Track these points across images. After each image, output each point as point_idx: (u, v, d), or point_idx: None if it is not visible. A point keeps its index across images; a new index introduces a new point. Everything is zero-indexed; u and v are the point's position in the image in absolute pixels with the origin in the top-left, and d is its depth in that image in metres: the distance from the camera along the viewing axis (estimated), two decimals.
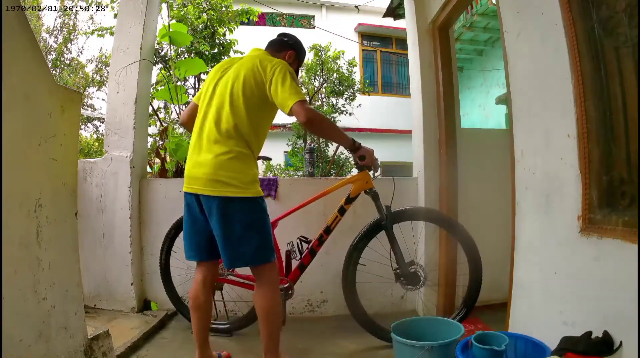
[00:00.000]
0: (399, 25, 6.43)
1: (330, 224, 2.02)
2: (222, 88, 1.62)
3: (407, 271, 1.96)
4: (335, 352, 2.00)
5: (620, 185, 1.16)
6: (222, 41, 5.22)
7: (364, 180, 1.99)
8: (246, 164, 1.57)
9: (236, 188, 1.51)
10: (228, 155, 1.53)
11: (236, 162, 1.54)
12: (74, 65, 9.70)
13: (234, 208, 1.52)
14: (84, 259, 1.60)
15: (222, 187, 1.51)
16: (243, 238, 1.53)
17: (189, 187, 1.58)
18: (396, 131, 8.37)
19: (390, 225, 1.98)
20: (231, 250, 1.53)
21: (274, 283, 1.62)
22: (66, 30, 9.66)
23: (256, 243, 1.55)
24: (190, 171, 1.59)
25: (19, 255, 1.18)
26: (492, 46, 6.89)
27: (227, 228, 1.52)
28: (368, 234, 2.04)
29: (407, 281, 1.96)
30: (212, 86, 1.66)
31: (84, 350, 1.45)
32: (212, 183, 1.51)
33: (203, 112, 1.64)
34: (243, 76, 1.59)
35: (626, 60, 1.13)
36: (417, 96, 2.60)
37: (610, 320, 1.13)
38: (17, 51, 1.18)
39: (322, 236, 2.02)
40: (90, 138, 9.21)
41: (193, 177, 1.56)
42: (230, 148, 1.54)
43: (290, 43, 1.82)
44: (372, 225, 2.03)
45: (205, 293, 1.67)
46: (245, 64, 1.63)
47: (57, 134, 1.34)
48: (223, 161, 1.53)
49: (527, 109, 1.59)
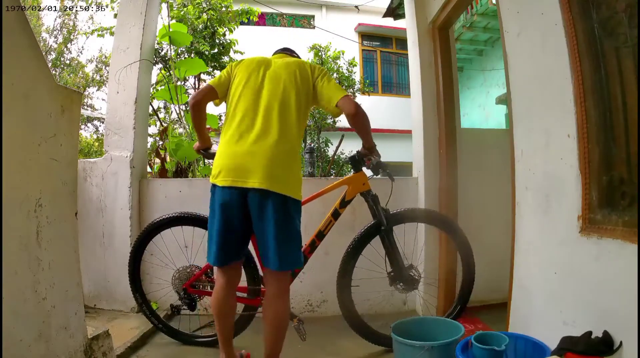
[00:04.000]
0: (399, 25, 6.42)
1: (324, 229, 1.92)
2: (273, 85, 1.59)
3: (405, 275, 1.90)
4: (335, 352, 2.00)
5: (620, 185, 1.16)
6: (222, 41, 5.22)
7: (361, 181, 1.91)
8: (299, 165, 1.58)
9: (295, 186, 1.50)
10: (289, 152, 1.51)
11: (294, 161, 1.53)
12: (74, 65, 9.70)
13: (291, 208, 1.49)
14: (84, 259, 1.60)
15: (284, 183, 1.46)
16: (292, 239, 1.51)
17: (234, 180, 1.45)
18: (396, 131, 8.37)
19: (390, 229, 1.91)
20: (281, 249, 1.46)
21: (289, 291, 1.61)
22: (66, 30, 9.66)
23: (298, 246, 1.54)
24: (235, 161, 1.47)
25: (19, 255, 1.18)
26: (492, 46, 6.89)
27: (284, 228, 1.47)
28: (364, 239, 1.95)
29: (403, 284, 1.91)
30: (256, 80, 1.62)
31: (84, 350, 1.45)
32: (274, 177, 1.45)
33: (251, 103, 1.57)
34: (294, 78, 1.61)
35: (626, 60, 1.13)
36: (417, 96, 2.60)
37: (611, 320, 1.13)
38: (17, 51, 1.18)
39: (315, 241, 1.92)
40: (90, 138, 9.22)
41: (241, 168, 1.45)
42: (289, 144, 1.52)
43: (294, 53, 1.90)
44: (369, 228, 1.94)
45: (233, 296, 1.63)
46: (291, 66, 1.65)
47: (57, 134, 1.34)
48: (285, 156, 1.49)
49: (527, 109, 1.59)
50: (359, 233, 1.97)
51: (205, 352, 1.99)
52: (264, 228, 1.46)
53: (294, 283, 2.45)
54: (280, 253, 1.46)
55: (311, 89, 1.64)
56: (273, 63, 1.68)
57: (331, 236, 2.02)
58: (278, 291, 1.53)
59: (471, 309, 2.39)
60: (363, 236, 1.95)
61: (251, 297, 1.96)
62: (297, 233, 1.53)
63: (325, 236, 1.94)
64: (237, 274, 1.64)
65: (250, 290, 1.96)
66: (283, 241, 1.47)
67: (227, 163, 1.49)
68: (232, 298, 1.62)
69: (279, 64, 1.67)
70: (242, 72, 1.65)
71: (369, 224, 1.95)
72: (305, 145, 6.00)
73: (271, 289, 1.54)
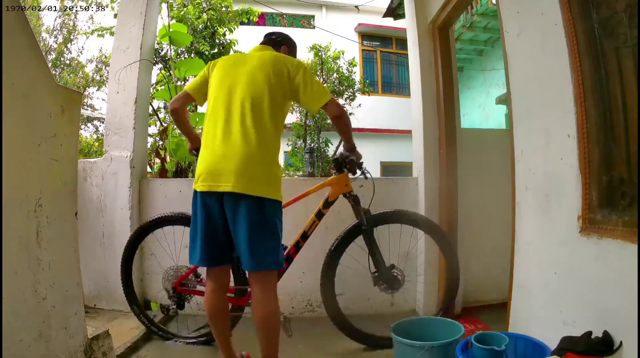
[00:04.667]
0: (399, 25, 6.43)
1: (308, 229, 1.94)
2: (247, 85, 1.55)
3: (387, 276, 1.91)
4: (335, 352, 2.00)
5: (620, 185, 1.16)
6: (222, 41, 5.22)
7: (343, 183, 1.93)
8: (277, 165, 1.55)
9: (270, 187, 1.48)
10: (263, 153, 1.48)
11: (269, 161, 1.51)
12: (74, 65, 9.70)
13: (267, 210, 1.46)
14: (84, 259, 1.59)
15: (258, 185, 1.44)
16: (267, 239, 1.48)
17: (210, 185, 1.46)
18: (396, 131, 8.37)
19: (370, 229, 1.92)
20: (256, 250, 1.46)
21: (275, 290, 1.56)
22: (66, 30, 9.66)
23: (276, 247, 1.51)
24: (210, 166, 1.47)
25: (19, 255, 1.18)
26: (492, 46, 6.88)
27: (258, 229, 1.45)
28: (346, 239, 1.97)
29: (386, 285, 1.93)
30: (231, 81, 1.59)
31: (84, 350, 1.45)
32: (246, 179, 1.43)
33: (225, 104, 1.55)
34: (268, 77, 1.56)
35: (626, 60, 1.13)
36: (417, 96, 2.60)
37: (611, 320, 1.13)
38: (17, 51, 1.18)
39: (299, 242, 1.93)
40: (90, 138, 9.21)
41: (215, 172, 1.45)
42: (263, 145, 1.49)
43: (279, 40, 1.83)
44: (351, 229, 1.96)
45: (223, 300, 1.61)
46: (266, 62, 1.60)
47: (57, 134, 1.34)
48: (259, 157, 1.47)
49: (527, 109, 1.59)
50: (342, 233, 1.99)
51: (205, 352, 2.00)
52: (238, 229, 1.46)
53: (294, 284, 2.46)
54: (254, 255, 1.46)
55: (287, 86, 1.58)
56: (249, 61, 1.63)
57: (331, 236, 2.03)
58: (262, 292, 1.51)
59: (471, 309, 2.39)
60: (345, 236, 1.98)
61: (237, 297, 1.95)
62: (274, 234, 1.50)
63: (309, 236, 1.95)
64: (225, 276, 1.62)
65: (237, 290, 1.96)
66: (257, 242, 1.45)
67: (203, 168, 1.49)
68: (222, 303, 1.61)
69: (253, 63, 1.61)
70: (217, 73, 1.64)
71: (352, 224, 1.98)
72: (305, 145, 6.00)
73: (255, 290, 1.52)
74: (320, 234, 2.13)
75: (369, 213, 1.94)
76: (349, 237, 1.98)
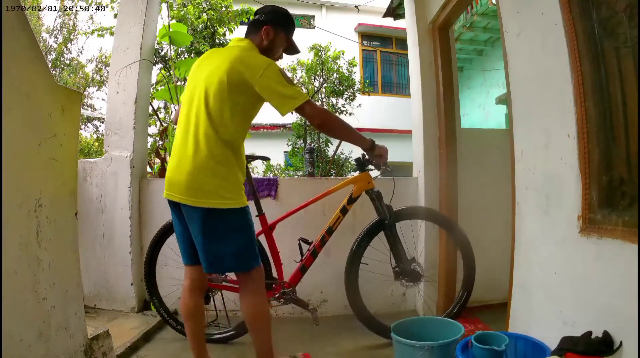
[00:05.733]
0: (399, 25, 6.42)
1: (333, 225, 2.03)
2: (204, 90, 1.45)
3: (408, 269, 1.99)
4: (335, 352, 2.00)
5: (620, 185, 1.16)
6: (222, 41, 5.22)
7: (366, 181, 2.02)
8: (232, 173, 1.45)
9: (221, 198, 1.41)
10: (214, 161, 1.41)
11: (219, 170, 1.42)
12: (74, 65, 9.69)
13: (217, 218, 1.42)
14: (84, 259, 1.60)
15: (207, 196, 1.40)
16: (222, 246, 1.45)
17: (168, 194, 1.48)
18: (396, 131, 8.36)
19: (392, 224, 2.01)
20: (208, 254, 1.46)
21: (257, 290, 1.52)
22: (66, 30, 9.65)
23: (235, 250, 1.46)
24: (169, 174, 1.48)
25: (19, 255, 1.18)
26: (492, 45, 6.88)
27: (211, 236, 1.43)
28: (370, 233, 2.06)
29: (408, 278, 2.00)
30: (193, 82, 1.52)
31: (84, 350, 1.45)
32: (194, 191, 1.40)
33: (186, 111, 1.50)
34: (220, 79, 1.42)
35: (626, 60, 1.13)
36: (417, 96, 2.60)
37: (610, 320, 1.13)
38: (17, 51, 1.18)
39: (325, 237, 2.03)
40: (90, 138, 9.21)
41: (171, 182, 1.46)
42: (211, 153, 1.40)
43: (262, 19, 1.59)
44: (374, 224, 2.05)
45: (194, 299, 1.58)
46: (227, 59, 1.45)
47: (57, 134, 1.34)
48: (205, 165, 1.40)
49: (527, 109, 1.59)
50: (366, 227, 2.07)
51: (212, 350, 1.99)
52: (194, 236, 1.47)
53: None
54: (209, 260, 1.47)
55: (244, 90, 1.44)
56: (213, 61, 1.52)
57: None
58: (243, 292, 1.53)
59: (471, 309, 2.39)
60: (369, 230, 2.06)
61: None
62: (231, 240, 1.45)
63: (334, 231, 2.04)
64: (199, 278, 1.59)
65: None
66: (209, 249, 1.45)
67: (166, 176, 1.50)
68: (193, 301, 1.58)
69: (215, 64, 1.48)
70: (189, 78, 1.58)
71: (375, 219, 2.06)
72: (305, 145, 6.00)
73: (240, 291, 1.55)
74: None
75: (391, 208, 2.03)
76: (372, 232, 2.06)
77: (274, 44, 1.60)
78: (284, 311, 2.47)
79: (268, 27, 1.58)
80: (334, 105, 6.53)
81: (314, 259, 2.04)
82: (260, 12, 1.64)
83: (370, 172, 2.06)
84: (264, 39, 1.58)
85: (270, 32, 1.59)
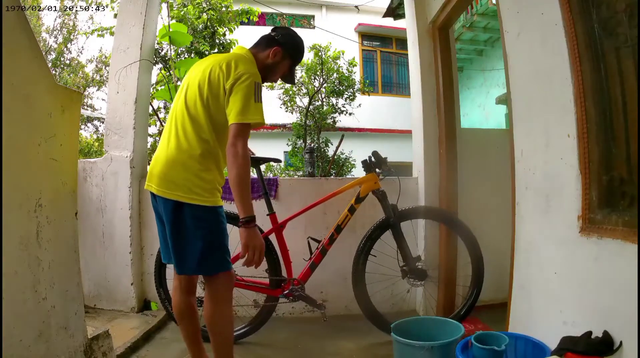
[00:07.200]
0: (399, 25, 6.43)
1: (342, 223, 2.10)
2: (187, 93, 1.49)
3: (414, 267, 2.03)
4: (335, 352, 2.00)
5: (620, 185, 1.16)
6: (222, 41, 5.22)
7: (373, 181, 2.10)
8: (206, 171, 1.44)
9: (193, 194, 1.40)
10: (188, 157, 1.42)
11: (193, 166, 1.42)
12: (74, 65, 9.70)
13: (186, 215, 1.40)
14: (84, 259, 1.60)
15: (178, 189, 1.40)
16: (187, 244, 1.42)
17: (148, 185, 1.50)
18: (396, 131, 8.37)
19: (397, 223, 2.05)
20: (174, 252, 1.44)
21: (221, 298, 1.46)
22: (66, 30, 9.65)
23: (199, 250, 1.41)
24: (150, 166, 1.52)
25: (19, 255, 1.17)
26: (492, 46, 6.88)
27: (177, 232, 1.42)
28: (376, 233, 2.10)
29: (414, 276, 2.05)
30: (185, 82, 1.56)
31: (84, 350, 1.45)
32: (166, 183, 1.42)
33: (173, 109, 1.55)
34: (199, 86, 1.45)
35: (626, 60, 1.13)
36: (417, 96, 2.60)
37: (610, 320, 1.13)
38: (17, 51, 1.18)
39: (334, 235, 2.10)
40: (90, 138, 9.21)
41: (150, 173, 1.49)
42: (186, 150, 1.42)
43: (277, 38, 1.59)
44: (380, 223, 2.09)
45: (185, 299, 1.56)
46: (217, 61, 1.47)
47: (57, 134, 1.34)
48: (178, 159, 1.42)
49: (527, 109, 1.59)
50: (371, 227, 2.12)
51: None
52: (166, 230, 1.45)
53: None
54: (175, 257, 1.45)
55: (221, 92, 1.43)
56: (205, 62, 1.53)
57: None
58: (207, 295, 1.48)
59: None
60: (376, 229, 2.11)
61: (272, 288, 2.05)
62: (196, 239, 1.41)
63: (342, 229, 2.11)
64: (186, 278, 1.55)
65: (272, 281, 2.04)
66: (175, 245, 1.44)
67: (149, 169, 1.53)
68: (183, 302, 1.56)
69: (206, 64, 1.50)
70: (184, 79, 1.61)
71: (381, 218, 2.11)
72: (305, 145, 6.00)
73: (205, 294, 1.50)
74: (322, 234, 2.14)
75: (397, 208, 2.09)
76: (378, 231, 2.10)
77: (277, 67, 1.60)
78: (284, 311, 2.47)
79: (279, 49, 1.57)
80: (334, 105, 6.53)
81: (323, 257, 2.09)
82: (278, 31, 1.63)
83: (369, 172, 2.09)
84: (271, 58, 1.57)
85: (279, 54, 1.58)
